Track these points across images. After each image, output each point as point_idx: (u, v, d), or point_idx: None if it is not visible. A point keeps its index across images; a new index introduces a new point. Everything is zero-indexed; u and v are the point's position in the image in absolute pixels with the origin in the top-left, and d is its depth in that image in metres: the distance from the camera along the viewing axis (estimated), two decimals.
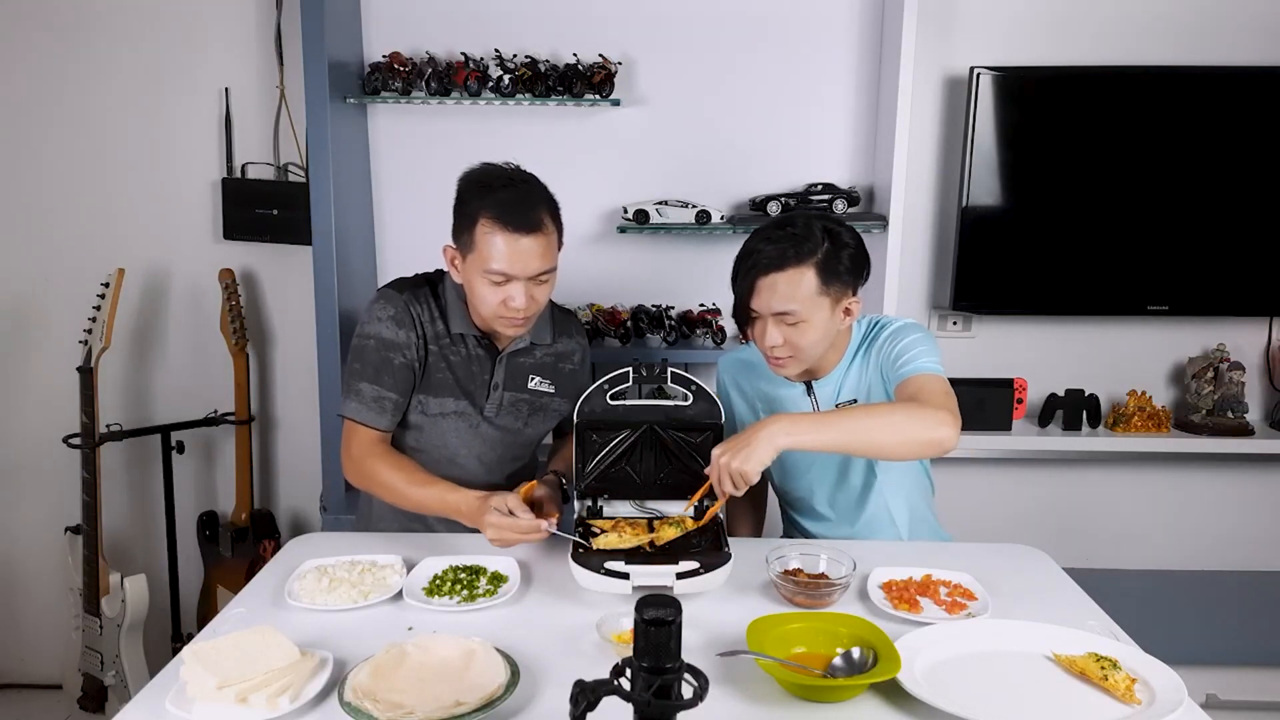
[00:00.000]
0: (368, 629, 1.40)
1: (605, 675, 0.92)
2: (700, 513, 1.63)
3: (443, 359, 1.77)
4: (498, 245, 1.63)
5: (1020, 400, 2.67)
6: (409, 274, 1.86)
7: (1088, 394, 2.70)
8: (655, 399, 1.68)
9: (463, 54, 2.50)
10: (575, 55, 2.51)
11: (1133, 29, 2.62)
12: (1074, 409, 2.69)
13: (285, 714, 1.16)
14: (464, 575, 1.54)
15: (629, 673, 0.92)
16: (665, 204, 2.52)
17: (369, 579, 1.53)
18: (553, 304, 1.86)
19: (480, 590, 1.51)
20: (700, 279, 2.62)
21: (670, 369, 1.68)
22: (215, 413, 2.74)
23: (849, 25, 2.60)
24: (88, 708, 2.62)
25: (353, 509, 2.27)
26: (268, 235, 2.64)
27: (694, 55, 2.62)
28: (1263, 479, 2.84)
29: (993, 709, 1.17)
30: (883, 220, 2.49)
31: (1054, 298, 2.68)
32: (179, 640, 2.76)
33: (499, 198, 1.64)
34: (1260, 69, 2.57)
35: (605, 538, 1.54)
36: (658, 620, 0.90)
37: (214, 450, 2.87)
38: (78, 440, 2.50)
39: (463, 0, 2.59)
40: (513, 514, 1.55)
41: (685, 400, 1.68)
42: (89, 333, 2.48)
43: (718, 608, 1.45)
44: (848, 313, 1.71)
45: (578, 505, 1.70)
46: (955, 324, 2.78)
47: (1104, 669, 1.25)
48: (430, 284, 1.81)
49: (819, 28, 2.61)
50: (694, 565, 1.45)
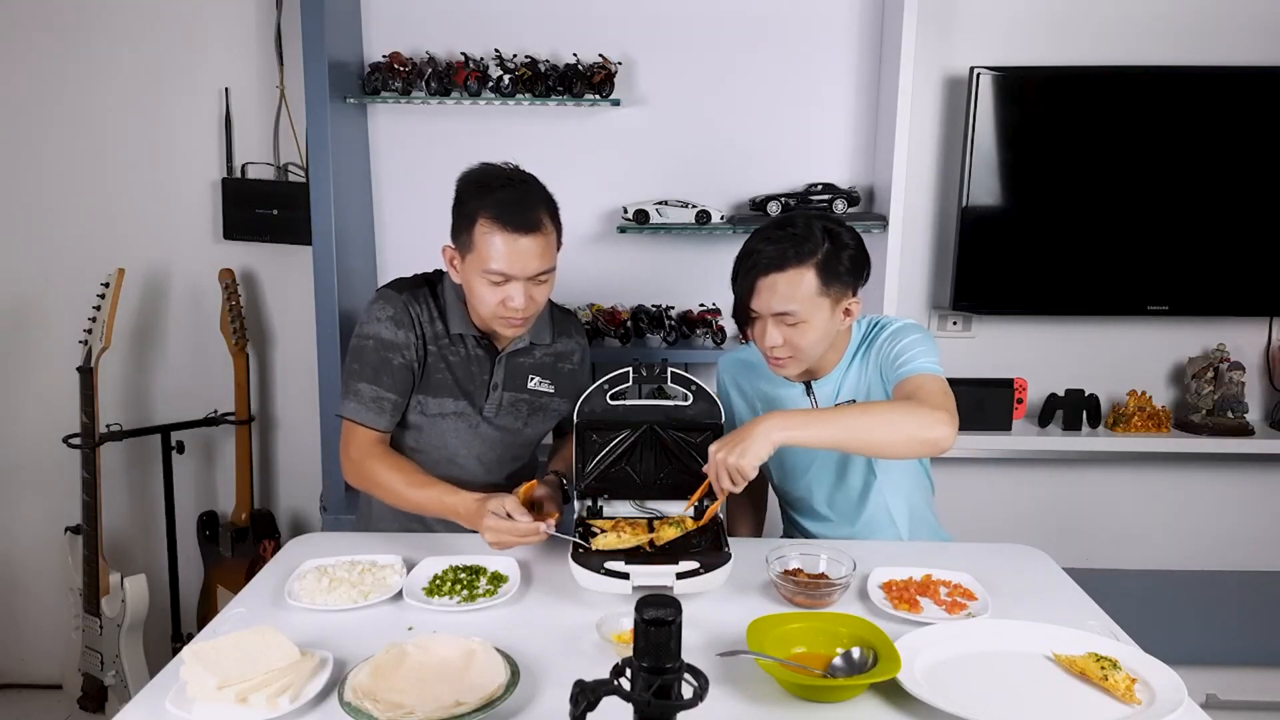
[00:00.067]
0: (368, 629, 1.40)
1: (605, 675, 0.92)
2: (700, 513, 1.63)
3: (442, 359, 1.77)
4: (496, 245, 1.63)
5: (1020, 400, 2.67)
6: (409, 274, 1.86)
7: (1088, 394, 2.70)
8: (655, 399, 1.68)
9: (463, 54, 2.50)
10: (575, 55, 2.51)
11: (1133, 29, 2.62)
12: (1074, 409, 2.69)
13: (285, 714, 1.16)
14: (464, 575, 1.55)
15: (629, 673, 0.92)
16: (665, 204, 2.52)
17: (369, 579, 1.53)
18: (552, 304, 1.86)
19: (480, 590, 1.51)
20: (700, 279, 2.62)
21: (670, 369, 1.68)
22: (215, 413, 2.74)
23: (849, 25, 2.60)
24: (88, 708, 2.62)
25: (353, 509, 2.27)
26: (268, 235, 2.64)
27: (694, 55, 2.62)
28: (1263, 479, 2.84)
29: (993, 709, 1.17)
30: (883, 220, 2.49)
31: (1054, 298, 2.68)
32: (179, 640, 2.76)
33: (498, 198, 1.64)
34: (1260, 69, 2.57)
35: (605, 538, 1.54)
36: (658, 620, 0.90)
37: (214, 450, 2.87)
38: (78, 440, 2.50)
39: (463, 0, 2.59)
40: (510, 517, 1.54)
41: (685, 400, 1.68)
42: (89, 333, 2.48)
43: (718, 608, 1.45)
44: (848, 313, 1.71)
45: (578, 505, 1.70)
46: (955, 324, 2.78)
47: (1104, 669, 1.25)
48: (429, 284, 1.81)
49: (819, 28, 2.61)
50: (694, 565, 1.45)
